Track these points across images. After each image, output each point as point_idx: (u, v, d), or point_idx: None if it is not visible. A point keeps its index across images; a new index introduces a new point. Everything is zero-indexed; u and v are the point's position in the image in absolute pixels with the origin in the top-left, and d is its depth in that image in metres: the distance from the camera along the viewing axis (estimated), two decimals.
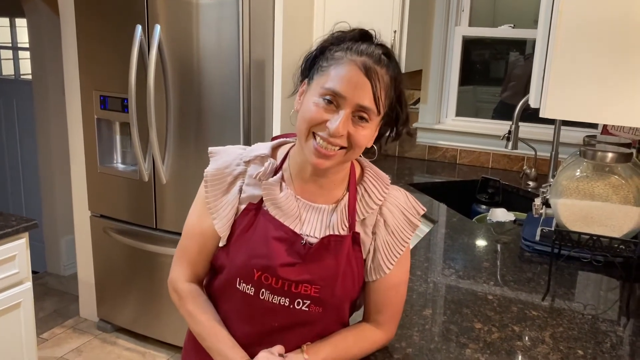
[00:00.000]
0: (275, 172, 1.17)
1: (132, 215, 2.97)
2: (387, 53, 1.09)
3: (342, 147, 1.07)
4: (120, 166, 3.04)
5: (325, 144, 1.05)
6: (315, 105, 1.05)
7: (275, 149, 1.21)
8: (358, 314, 1.27)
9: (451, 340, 1.33)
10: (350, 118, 1.04)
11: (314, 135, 1.06)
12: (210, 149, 1.22)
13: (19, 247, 2.16)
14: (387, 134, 1.16)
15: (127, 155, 3.05)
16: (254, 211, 1.15)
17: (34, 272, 2.93)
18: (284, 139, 1.23)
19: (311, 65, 1.12)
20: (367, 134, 1.08)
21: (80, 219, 3.21)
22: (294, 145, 1.18)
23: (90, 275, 3.22)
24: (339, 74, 1.04)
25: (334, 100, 1.04)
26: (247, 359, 1.13)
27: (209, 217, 1.17)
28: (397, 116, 1.13)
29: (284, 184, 1.16)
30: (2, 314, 2.13)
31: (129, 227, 2.99)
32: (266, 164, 1.17)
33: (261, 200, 1.15)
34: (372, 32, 1.12)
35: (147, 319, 3.06)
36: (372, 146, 1.14)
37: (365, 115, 1.05)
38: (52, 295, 3.66)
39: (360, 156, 1.16)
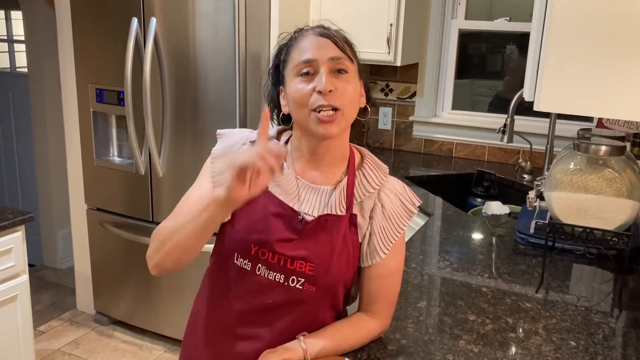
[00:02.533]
0: None
1: (129, 208, 2.98)
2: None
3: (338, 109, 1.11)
4: (117, 159, 3.04)
5: (325, 110, 1.10)
6: (298, 84, 1.12)
7: (280, 132, 1.26)
8: (354, 307, 1.28)
9: (445, 332, 1.34)
10: (330, 75, 1.11)
11: (313, 112, 1.11)
12: (218, 131, 1.27)
13: (15, 240, 2.17)
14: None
15: (124, 148, 3.05)
16: None
17: (30, 266, 2.94)
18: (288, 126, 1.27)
19: (277, 73, 1.20)
20: (353, 88, 1.14)
21: (77, 212, 3.21)
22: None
23: (87, 268, 3.23)
24: (301, 49, 1.13)
25: (309, 70, 1.11)
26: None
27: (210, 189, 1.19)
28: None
29: (285, 164, 1.19)
30: None
31: (126, 220, 2.99)
32: (270, 143, 1.20)
33: None
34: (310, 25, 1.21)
35: (143, 312, 3.07)
36: (366, 106, 1.21)
37: (341, 66, 1.12)
38: (49, 288, 3.67)
39: (360, 127, 1.21)
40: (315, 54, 1.11)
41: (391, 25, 2.85)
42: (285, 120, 1.22)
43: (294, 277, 1.15)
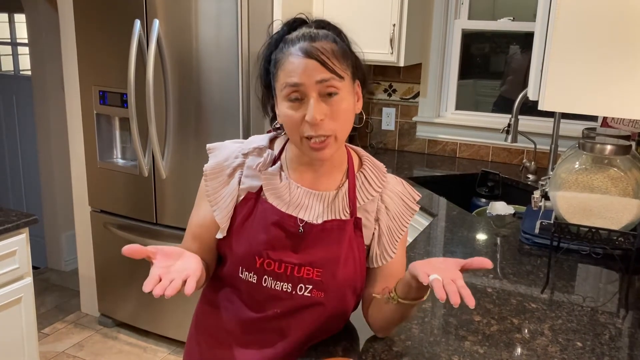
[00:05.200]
0: (274, 162, 1.19)
1: (132, 210, 2.98)
2: (320, 25, 1.13)
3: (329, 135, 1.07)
4: (120, 161, 3.04)
5: (317, 137, 1.06)
6: (287, 110, 1.07)
7: (272, 141, 1.23)
8: (357, 311, 1.28)
9: (450, 333, 1.33)
10: (320, 101, 1.05)
11: (305, 138, 1.08)
12: (208, 145, 1.24)
13: (19, 242, 2.17)
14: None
15: (127, 150, 3.05)
16: (253, 200, 1.17)
17: (35, 268, 2.94)
18: (280, 130, 1.24)
19: (267, 78, 1.14)
20: (346, 105, 1.08)
21: (81, 214, 3.21)
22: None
23: (91, 271, 3.23)
24: (286, 71, 1.05)
25: (297, 95, 1.05)
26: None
27: (208, 210, 1.19)
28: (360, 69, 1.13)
29: (283, 173, 1.18)
30: (3, 309, 2.14)
31: (129, 222, 2.99)
32: (265, 154, 1.18)
33: (260, 190, 1.17)
34: (303, 16, 1.15)
35: (148, 314, 3.07)
36: (361, 112, 1.16)
37: (331, 89, 1.05)
38: (53, 290, 3.67)
39: (355, 132, 1.18)
40: (301, 78, 1.04)
41: (394, 25, 2.84)
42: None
43: (301, 284, 1.14)
